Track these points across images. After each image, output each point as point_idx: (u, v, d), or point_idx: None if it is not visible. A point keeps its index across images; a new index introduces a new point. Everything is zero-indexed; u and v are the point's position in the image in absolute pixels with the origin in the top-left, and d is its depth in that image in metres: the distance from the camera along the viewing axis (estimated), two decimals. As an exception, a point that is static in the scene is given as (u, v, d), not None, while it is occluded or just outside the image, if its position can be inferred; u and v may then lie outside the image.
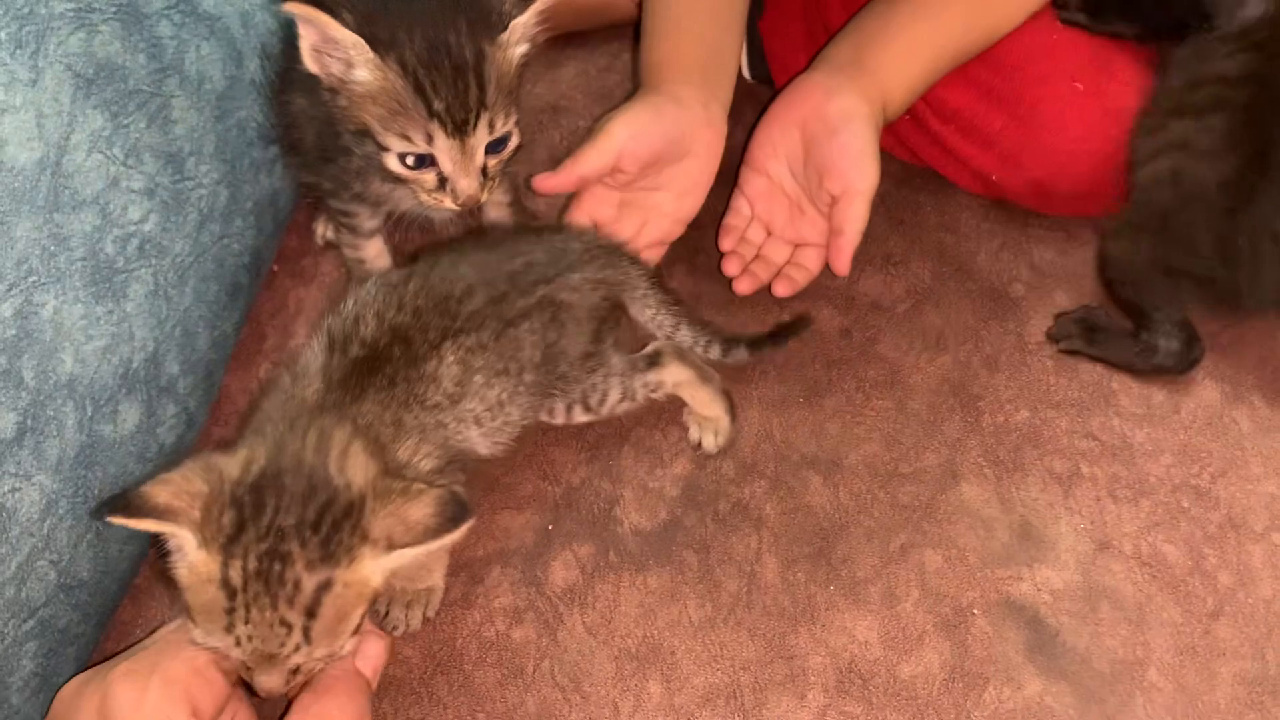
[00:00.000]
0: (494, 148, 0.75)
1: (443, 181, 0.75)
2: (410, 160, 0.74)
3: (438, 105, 0.71)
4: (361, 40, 0.70)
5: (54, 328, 0.69)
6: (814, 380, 0.94)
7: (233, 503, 0.56)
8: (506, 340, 0.76)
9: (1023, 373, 0.94)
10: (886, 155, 1.03)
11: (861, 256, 1.00)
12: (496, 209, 0.97)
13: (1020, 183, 0.96)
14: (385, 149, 0.74)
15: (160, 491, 0.55)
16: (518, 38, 0.74)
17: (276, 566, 0.55)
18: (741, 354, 0.91)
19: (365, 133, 0.74)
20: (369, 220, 0.90)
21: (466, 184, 0.74)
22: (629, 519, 0.86)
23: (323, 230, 1.01)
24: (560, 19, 1.15)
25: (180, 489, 0.56)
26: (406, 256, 0.88)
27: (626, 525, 0.86)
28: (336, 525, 0.57)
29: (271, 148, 0.91)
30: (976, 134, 0.96)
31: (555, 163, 1.07)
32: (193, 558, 0.55)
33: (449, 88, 0.71)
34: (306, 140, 0.86)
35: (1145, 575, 0.84)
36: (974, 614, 0.82)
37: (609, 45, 1.15)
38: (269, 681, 0.57)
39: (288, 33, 0.79)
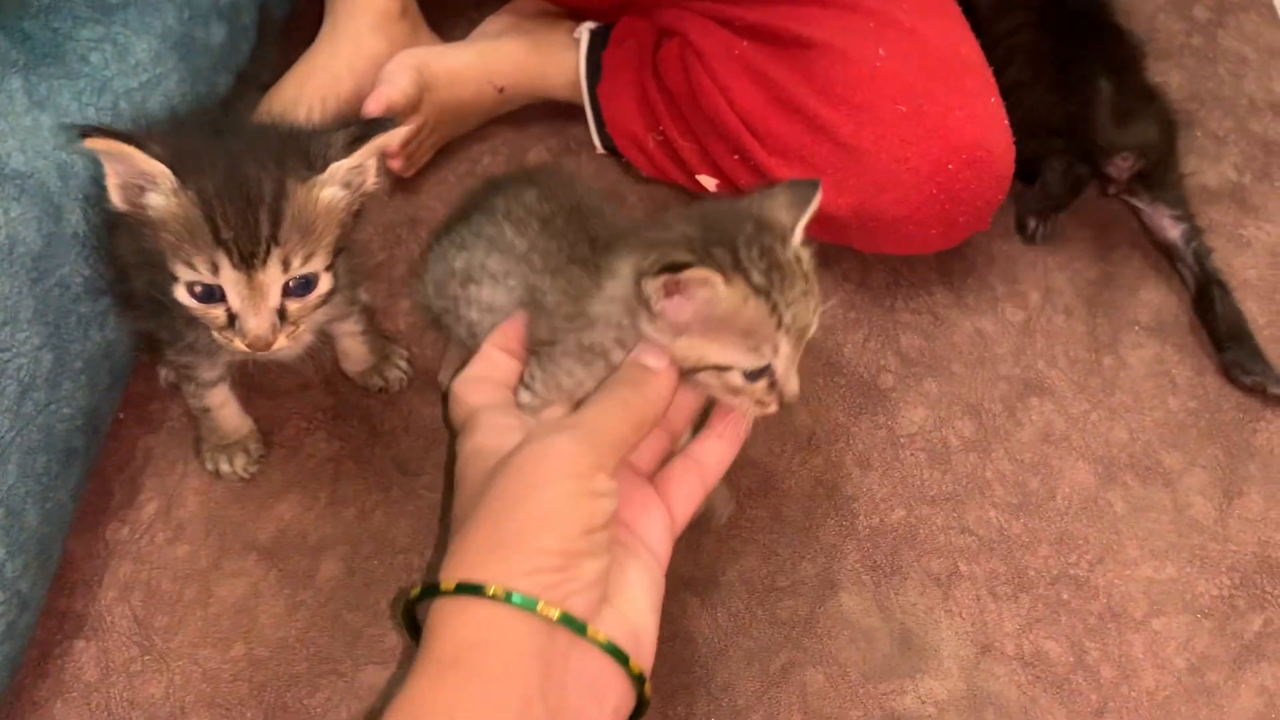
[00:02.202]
0: (297, 291, 0.72)
1: (232, 319, 0.72)
2: (199, 290, 0.71)
3: (225, 234, 0.69)
4: (168, 171, 0.69)
5: None
6: (687, 494, 0.91)
7: (704, 245, 0.62)
8: None
9: (895, 469, 0.93)
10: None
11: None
12: (350, 339, 0.94)
13: (844, 206, 0.95)
14: (175, 278, 0.71)
15: (680, 254, 0.61)
16: (334, 180, 0.72)
17: (774, 253, 0.63)
18: None
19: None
20: (209, 370, 0.86)
21: (255, 323, 0.71)
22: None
23: (166, 373, 0.96)
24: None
25: (677, 245, 0.63)
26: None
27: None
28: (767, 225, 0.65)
29: (103, 299, 0.87)
30: (802, 161, 0.96)
31: (415, 276, 1.05)
32: (721, 292, 0.60)
33: (239, 218, 0.69)
34: (138, 290, 0.83)
35: (1028, 676, 0.83)
36: (859, 735, 0.80)
37: (467, 151, 1.12)
38: (792, 385, 0.65)
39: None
